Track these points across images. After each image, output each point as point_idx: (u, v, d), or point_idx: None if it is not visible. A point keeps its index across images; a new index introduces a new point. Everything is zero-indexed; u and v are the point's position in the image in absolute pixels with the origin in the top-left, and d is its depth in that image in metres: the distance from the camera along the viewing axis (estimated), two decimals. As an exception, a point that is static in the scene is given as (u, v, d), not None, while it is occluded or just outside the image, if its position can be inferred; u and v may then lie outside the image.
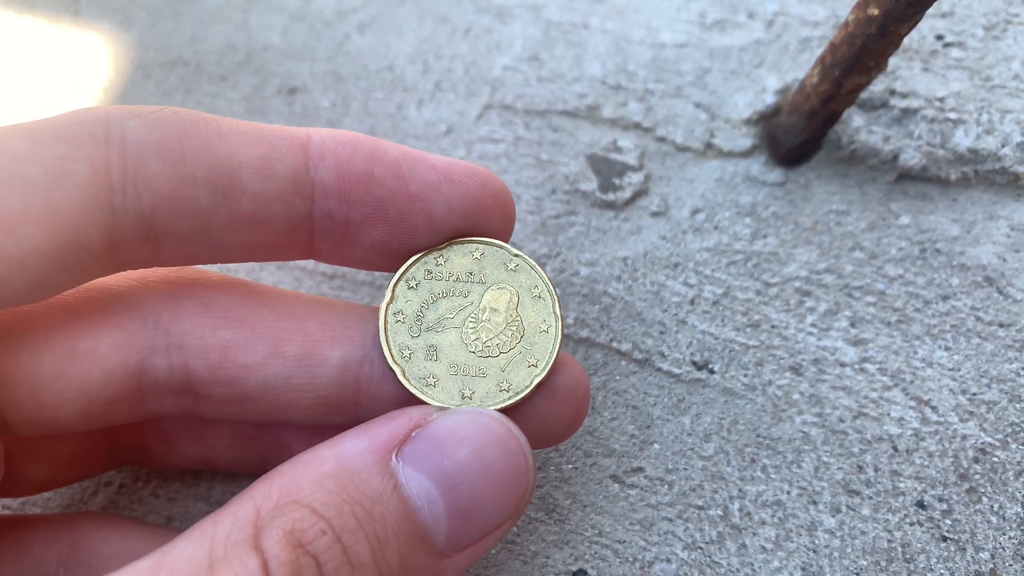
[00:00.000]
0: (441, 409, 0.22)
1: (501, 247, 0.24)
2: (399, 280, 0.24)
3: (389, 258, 0.24)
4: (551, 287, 0.24)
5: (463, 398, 0.23)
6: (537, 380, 0.23)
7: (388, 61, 0.38)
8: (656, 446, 0.29)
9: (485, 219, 0.24)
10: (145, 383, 0.23)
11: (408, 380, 0.23)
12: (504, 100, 0.36)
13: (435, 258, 0.24)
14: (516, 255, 0.24)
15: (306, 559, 0.17)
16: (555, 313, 0.24)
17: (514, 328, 0.24)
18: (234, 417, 0.24)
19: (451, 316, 0.24)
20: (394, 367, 0.23)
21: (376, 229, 0.23)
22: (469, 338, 0.23)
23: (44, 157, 0.19)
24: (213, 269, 0.25)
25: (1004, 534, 0.27)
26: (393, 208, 0.23)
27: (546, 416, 0.24)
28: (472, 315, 0.24)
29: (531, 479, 0.21)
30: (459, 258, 0.24)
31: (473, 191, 0.23)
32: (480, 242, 0.24)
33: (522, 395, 0.23)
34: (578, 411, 0.24)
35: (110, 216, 0.20)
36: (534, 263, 0.24)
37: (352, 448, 0.20)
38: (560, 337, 0.23)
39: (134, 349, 0.22)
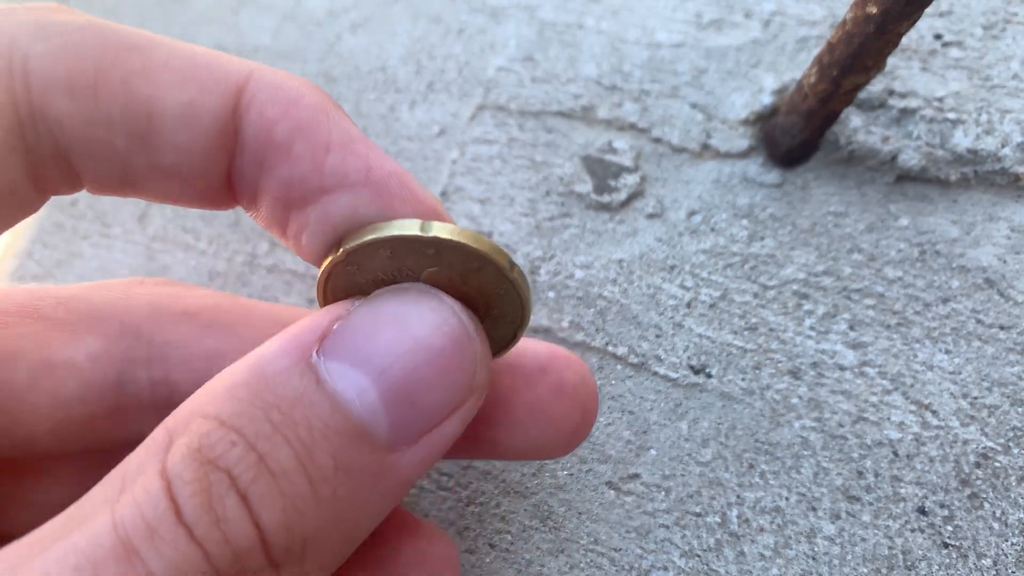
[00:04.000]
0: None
1: (408, 238, 0.19)
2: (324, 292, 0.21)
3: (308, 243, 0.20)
4: (496, 252, 0.19)
5: None
6: (520, 333, 0.21)
7: (380, 62, 0.37)
8: (653, 452, 0.29)
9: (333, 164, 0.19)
10: (125, 398, 0.22)
11: None
12: (498, 101, 0.36)
13: (347, 268, 0.20)
14: (430, 238, 0.19)
15: (216, 475, 0.15)
16: (506, 278, 0.19)
17: (476, 296, 0.20)
18: None
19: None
20: None
21: (281, 209, 0.20)
22: None
23: None
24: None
25: (1007, 540, 0.26)
26: (298, 195, 0.19)
27: (553, 413, 0.22)
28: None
29: (476, 350, 0.19)
30: (368, 261, 0.20)
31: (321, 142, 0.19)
32: (388, 240, 0.19)
33: (511, 346, 0.21)
34: (585, 410, 0.23)
35: (25, 154, 0.18)
36: (452, 233, 0.19)
37: (267, 352, 0.18)
38: (525, 295, 0.20)
39: (113, 360, 0.21)
